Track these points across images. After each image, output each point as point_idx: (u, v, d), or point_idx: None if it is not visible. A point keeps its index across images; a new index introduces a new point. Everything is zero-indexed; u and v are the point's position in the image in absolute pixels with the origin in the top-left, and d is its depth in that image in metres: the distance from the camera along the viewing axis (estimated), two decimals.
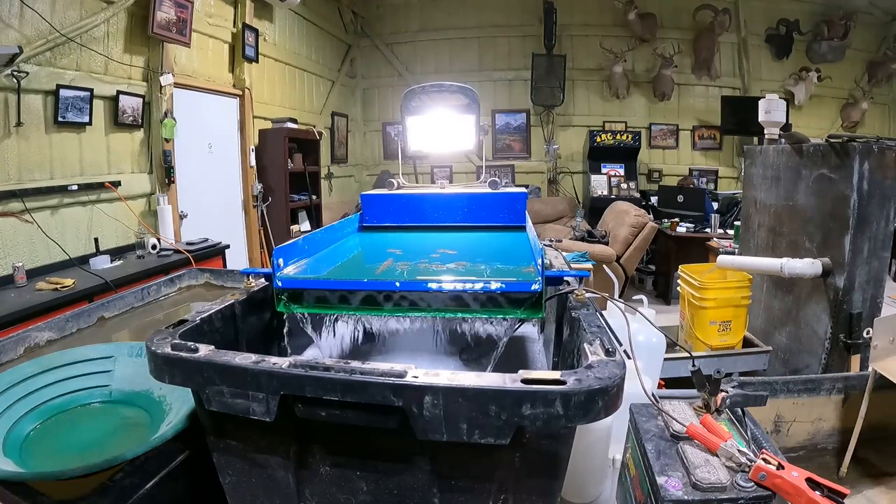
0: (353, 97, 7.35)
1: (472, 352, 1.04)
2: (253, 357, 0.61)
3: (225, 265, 3.73)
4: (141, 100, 3.54)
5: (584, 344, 0.64)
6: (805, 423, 1.88)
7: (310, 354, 1.06)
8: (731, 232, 4.88)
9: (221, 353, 0.63)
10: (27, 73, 2.74)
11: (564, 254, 1.25)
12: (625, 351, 0.65)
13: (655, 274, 5.86)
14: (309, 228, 5.28)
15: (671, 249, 5.29)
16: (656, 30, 6.88)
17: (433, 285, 0.80)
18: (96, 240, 3.14)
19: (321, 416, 0.58)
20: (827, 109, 7.08)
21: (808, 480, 0.61)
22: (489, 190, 1.16)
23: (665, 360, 1.26)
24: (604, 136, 6.95)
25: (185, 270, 1.78)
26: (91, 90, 3.12)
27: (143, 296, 1.57)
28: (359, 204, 1.36)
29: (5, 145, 2.73)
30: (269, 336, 0.97)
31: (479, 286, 0.77)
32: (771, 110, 2.81)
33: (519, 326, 0.89)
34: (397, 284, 0.82)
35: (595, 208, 6.39)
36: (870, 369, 1.83)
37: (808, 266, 2.25)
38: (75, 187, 3.04)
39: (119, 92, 3.35)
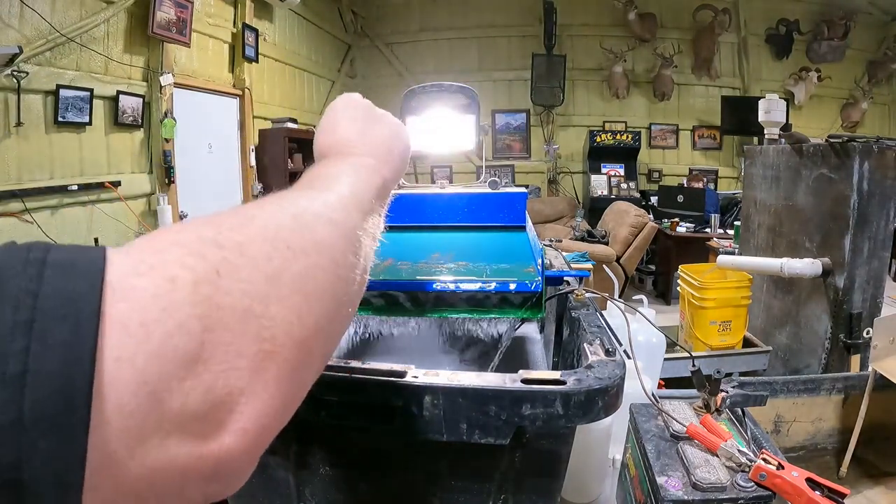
0: None
1: (472, 352, 1.04)
2: None
3: None
4: (141, 100, 3.54)
5: (584, 344, 0.64)
6: (805, 423, 1.88)
7: None
8: (731, 232, 4.88)
9: None
10: (27, 73, 2.74)
11: (564, 254, 1.25)
12: (625, 351, 0.65)
13: (655, 274, 5.86)
14: None
15: (671, 249, 5.29)
16: (656, 30, 6.88)
17: (433, 285, 0.80)
18: (96, 240, 3.15)
19: (321, 417, 0.58)
20: (827, 109, 7.08)
21: (808, 480, 0.61)
22: (489, 190, 1.16)
23: (665, 360, 1.26)
24: (604, 136, 6.95)
25: None
26: (91, 90, 3.12)
27: None
28: None
29: (5, 145, 2.73)
30: None
31: (478, 286, 0.77)
32: (771, 110, 2.81)
33: (519, 326, 0.89)
34: (397, 284, 0.82)
35: (595, 208, 6.39)
36: (870, 369, 1.83)
37: (807, 266, 2.25)
38: (75, 187, 3.04)
39: (119, 92, 3.35)
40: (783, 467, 0.62)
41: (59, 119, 2.96)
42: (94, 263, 0.22)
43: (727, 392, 0.75)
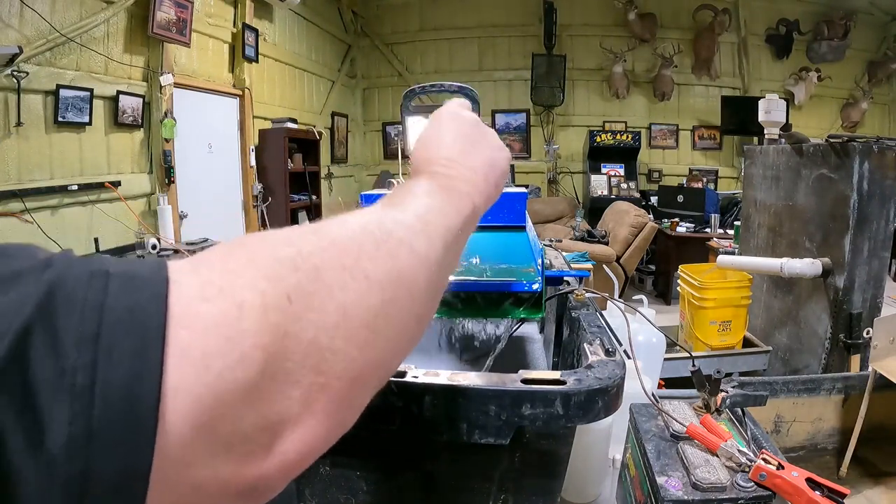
0: (353, 97, 7.35)
1: (472, 352, 1.03)
2: None
3: None
4: (141, 100, 3.54)
5: (584, 344, 0.64)
6: (805, 423, 1.88)
7: None
8: (731, 232, 4.88)
9: None
10: (27, 73, 2.74)
11: (564, 254, 1.25)
12: (625, 351, 0.65)
13: (655, 274, 5.86)
14: None
15: (671, 249, 5.30)
16: (656, 30, 6.88)
17: None
18: (96, 240, 3.15)
19: None
20: (827, 109, 7.08)
21: (808, 480, 0.61)
22: None
23: (665, 360, 1.26)
24: (604, 136, 6.95)
25: None
26: (91, 90, 3.12)
27: None
28: (359, 204, 1.36)
29: (5, 145, 2.73)
30: None
31: (478, 286, 0.77)
32: (771, 110, 2.81)
33: (519, 326, 0.89)
34: None
35: (595, 208, 6.39)
36: (870, 369, 1.83)
37: (807, 266, 2.25)
38: (75, 187, 3.04)
39: (119, 92, 3.35)
40: (783, 467, 0.62)
41: (59, 119, 2.96)
42: (156, 274, 0.22)
43: (727, 392, 0.75)
